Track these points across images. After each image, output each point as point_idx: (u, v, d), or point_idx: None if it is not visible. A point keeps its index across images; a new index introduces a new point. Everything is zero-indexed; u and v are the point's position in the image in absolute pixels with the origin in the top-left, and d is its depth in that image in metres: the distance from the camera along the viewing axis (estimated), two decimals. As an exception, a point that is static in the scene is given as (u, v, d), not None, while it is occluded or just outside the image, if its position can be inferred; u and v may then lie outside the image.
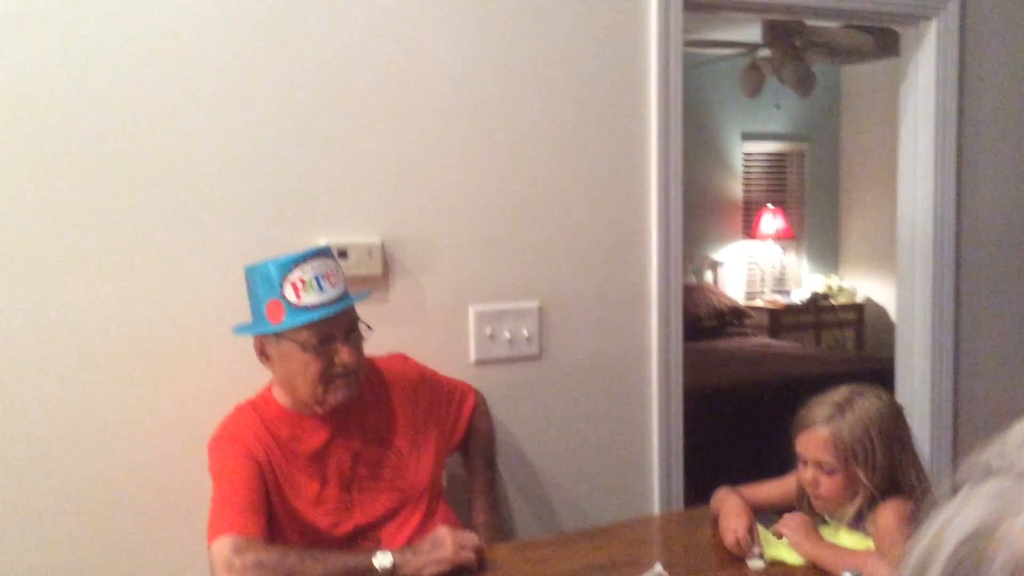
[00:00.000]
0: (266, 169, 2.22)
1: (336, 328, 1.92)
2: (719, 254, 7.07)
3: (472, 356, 2.43)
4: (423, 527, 2.01)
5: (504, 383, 2.44)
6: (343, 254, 2.27)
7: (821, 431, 1.83)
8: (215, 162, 2.17)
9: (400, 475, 2.04)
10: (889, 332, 6.73)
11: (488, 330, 2.46)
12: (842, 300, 7.04)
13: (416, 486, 2.05)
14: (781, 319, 6.86)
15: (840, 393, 1.87)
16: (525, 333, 2.50)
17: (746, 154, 7.12)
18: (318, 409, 1.95)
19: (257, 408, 1.99)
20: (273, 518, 1.89)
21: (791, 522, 1.86)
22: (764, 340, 6.34)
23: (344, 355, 1.92)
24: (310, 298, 1.88)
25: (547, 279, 2.52)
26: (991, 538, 0.43)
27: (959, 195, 3.03)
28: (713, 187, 6.94)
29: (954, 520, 0.46)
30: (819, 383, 4.72)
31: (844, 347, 6.86)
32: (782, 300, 7.01)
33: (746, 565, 1.87)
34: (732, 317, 6.55)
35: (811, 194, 7.35)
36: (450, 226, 2.37)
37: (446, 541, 1.80)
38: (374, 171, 2.32)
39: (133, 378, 2.12)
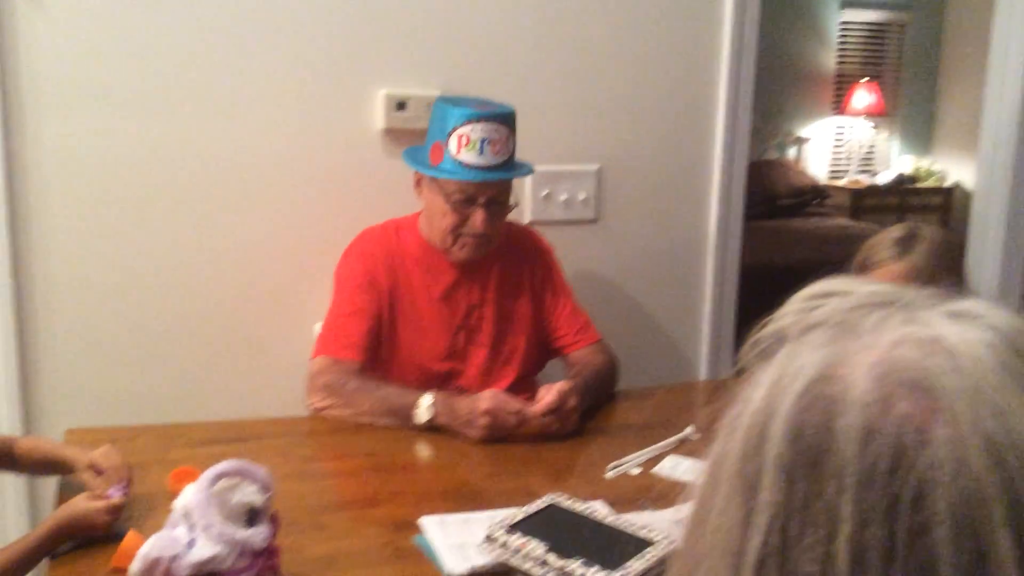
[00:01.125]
0: (335, 18, 2.21)
1: (481, 193, 1.97)
2: (806, 129, 6.83)
3: (527, 216, 2.43)
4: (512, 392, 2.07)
5: (558, 245, 2.45)
6: (401, 106, 2.27)
7: (896, 265, 1.75)
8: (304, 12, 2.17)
9: (502, 338, 2.11)
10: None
11: (545, 191, 2.45)
12: (930, 183, 6.79)
13: (513, 352, 2.11)
14: (864, 200, 6.66)
15: (900, 229, 1.82)
16: (582, 196, 2.49)
17: (843, 23, 6.78)
18: (445, 256, 2.05)
19: (400, 231, 2.11)
20: (379, 338, 2.03)
21: None
22: (843, 221, 6.18)
23: (476, 222, 1.98)
24: (468, 157, 1.96)
25: (608, 143, 2.49)
26: (831, 384, 0.42)
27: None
28: (805, 57, 6.65)
29: (786, 374, 0.44)
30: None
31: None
32: (866, 180, 6.79)
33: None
34: (812, 196, 6.39)
35: (909, 69, 6.99)
36: (509, 83, 2.33)
37: (480, 421, 1.79)
38: (435, 22, 2.29)
39: (247, 208, 2.21)
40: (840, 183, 6.78)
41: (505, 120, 2.00)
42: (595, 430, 1.92)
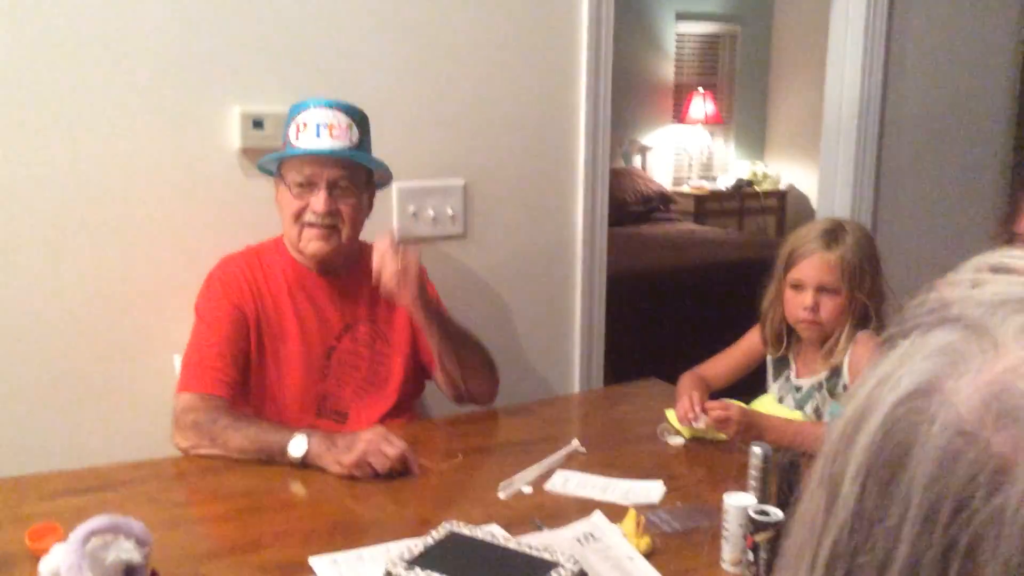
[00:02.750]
0: (189, 34, 2.09)
1: (320, 176, 1.93)
2: (648, 138, 7.03)
3: (395, 234, 2.37)
4: (390, 417, 2.01)
5: (427, 261, 2.40)
6: (258, 124, 2.18)
7: (827, 255, 1.90)
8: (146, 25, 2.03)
9: (378, 359, 2.04)
10: (809, 218, 6.85)
11: (411, 208, 2.40)
12: (766, 187, 7.10)
13: (390, 374, 2.04)
14: (706, 205, 6.91)
15: (826, 222, 1.98)
16: (449, 212, 2.45)
17: (679, 35, 7.02)
18: (300, 257, 2.00)
19: (263, 255, 2.04)
20: (247, 369, 1.95)
21: (729, 420, 1.83)
22: (689, 226, 6.38)
23: (316, 202, 1.93)
24: (305, 141, 1.93)
25: (472, 157, 2.46)
26: (931, 398, 0.40)
27: (885, 83, 3.02)
28: (644, 69, 6.85)
29: (894, 375, 0.42)
30: (741, 268, 4.78)
31: (766, 233, 6.96)
32: (708, 186, 7.04)
33: (662, 442, 1.91)
34: (658, 203, 6.57)
35: (741, 78, 7.31)
36: (370, 99, 2.27)
37: (357, 447, 1.70)
38: (292, 38, 2.20)
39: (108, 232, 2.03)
40: (683, 189, 7.01)
41: (346, 110, 1.97)
42: (480, 450, 1.89)
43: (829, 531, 0.43)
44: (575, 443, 1.87)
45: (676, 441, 1.91)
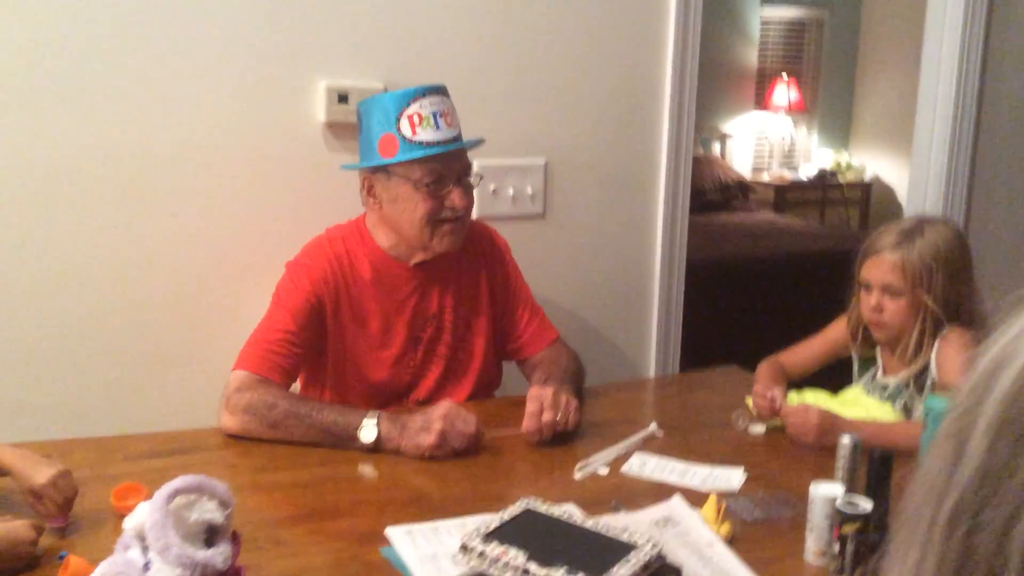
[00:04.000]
0: (274, 8, 2.10)
1: (450, 170, 1.87)
2: (728, 125, 6.90)
3: (473, 212, 2.36)
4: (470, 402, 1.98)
5: (507, 240, 2.39)
6: (343, 98, 2.18)
7: (890, 256, 1.86)
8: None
9: (460, 348, 2.00)
10: (895, 212, 6.65)
11: (492, 186, 2.38)
12: (850, 178, 6.93)
13: (470, 362, 2.02)
14: (787, 195, 6.77)
15: (910, 220, 1.92)
16: (529, 191, 2.43)
17: (764, 19, 6.87)
18: (422, 255, 1.92)
19: (348, 240, 1.95)
20: (322, 360, 1.90)
21: (799, 425, 1.78)
22: (768, 216, 6.26)
23: (456, 198, 1.86)
24: (427, 134, 1.84)
25: (554, 137, 2.43)
26: None
27: (982, 83, 2.91)
28: (727, 53, 6.72)
29: (1021, 336, 0.41)
30: (821, 260, 4.67)
31: (848, 225, 6.79)
32: (789, 175, 6.89)
33: (741, 429, 1.86)
34: (737, 191, 6.46)
35: (827, 65, 7.12)
36: (453, 75, 2.26)
37: (434, 427, 1.67)
38: (378, 13, 2.20)
39: (137, 214, 2.07)
40: (763, 178, 6.88)
41: (444, 92, 1.90)
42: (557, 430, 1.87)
43: (954, 486, 0.42)
44: (653, 426, 1.84)
45: (755, 430, 1.86)
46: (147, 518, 1.14)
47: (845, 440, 1.46)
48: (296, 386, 1.96)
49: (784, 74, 6.85)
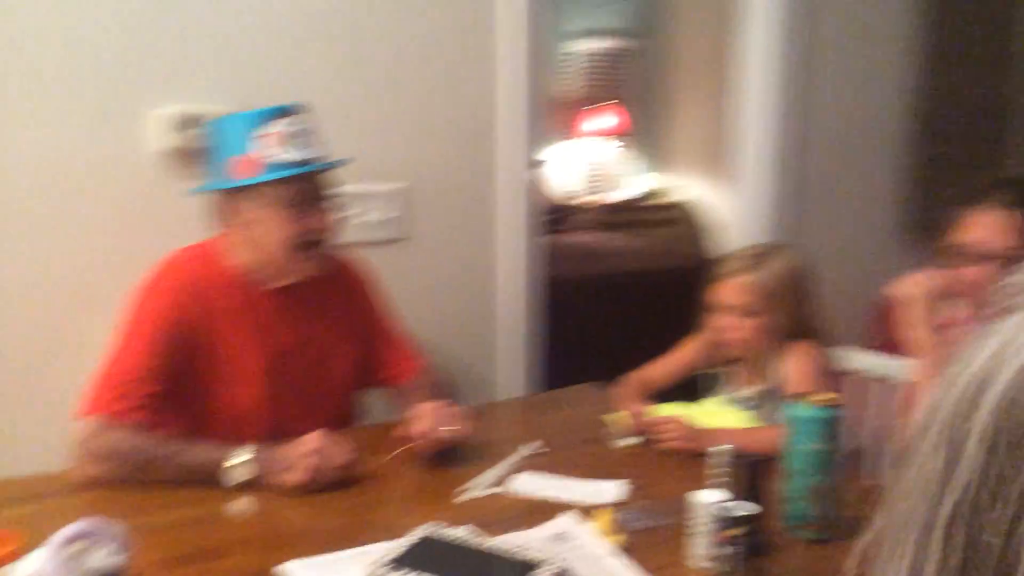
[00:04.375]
0: (111, 32, 2.01)
1: (312, 191, 1.80)
2: (548, 151, 7.11)
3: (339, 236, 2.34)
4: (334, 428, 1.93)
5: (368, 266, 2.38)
6: (186, 124, 2.11)
7: (742, 278, 1.97)
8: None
9: (322, 376, 1.94)
10: (712, 231, 7.03)
11: (352, 211, 2.36)
12: (669, 199, 7.27)
13: (331, 392, 1.97)
14: (610, 217, 7.03)
15: (757, 247, 2.08)
16: (389, 215, 2.43)
17: (577, 50, 7.13)
18: (285, 279, 1.84)
19: (199, 264, 1.84)
20: (178, 390, 1.78)
21: (670, 434, 1.88)
22: (593, 237, 6.47)
23: (318, 220, 1.80)
24: (287, 154, 1.76)
25: (412, 162, 2.45)
26: None
27: (805, 99, 3.13)
28: (550, 82, 6.92)
29: (1016, 341, 0.45)
30: (647, 279, 4.85)
31: (670, 244, 7.11)
32: (611, 198, 7.17)
33: (614, 444, 1.93)
34: (563, 214, 6.65)
35: (642, 92, 7.47)
36: (311, 99, 2.24)
37: (302, 463, 1.63)
38: (222, 36, 2.15)
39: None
40: (588, 200, 7.12)
41: (307, 113, 1.84)
42: (435, 453, 1.87)
43: (951, 491, 0.45)
44: (534, 444, 1.88)
45: (626, 442, 1.94)
46: (40, 568, 1.07)
47: (719, 448, 1.54)
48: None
49: (601, 101, 7.13)
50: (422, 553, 1.33)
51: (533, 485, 1.71)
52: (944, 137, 3.40)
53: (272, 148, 1.76)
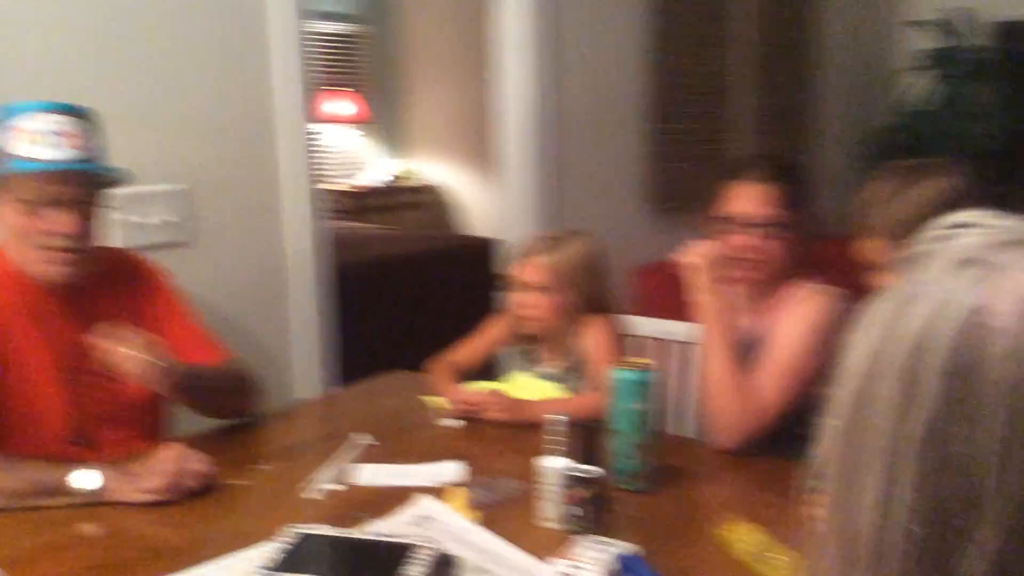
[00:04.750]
0: None
1: (66, 193, 1.72)
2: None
3: (119, 241, 2.25)
4: (141, 440, 1.88)
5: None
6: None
7: (543, 258, 2.12)
8: None
9: (119, 384, 1.85)
10: (459, 213, 7.25)
11: (134, 214, 2.28)
12: (415, 183, 7.40)
13: (130, 401, 1.90)
14: (358, 203, 7.05)
15: (557, 231, 2.22)
16: (173, 218, 2.36)
17: (309, 33, 7.06)
18: (45, 278, 1.78)
19: None
20: None
21: (493, 406, 2.02)
22: (343, 224, 6.48)
23: (62, 223, 1.72)
24: (41, 151, 1.69)
25: (194, 163, 2.39)
26: (986, 312, 0.55)
27: (558, 79, 3.34)
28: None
29: (947, 304, 0.57)
30: (402, 264, 4.94)
31: (421, 229, 7.25)
32: (357, 184, 7.19)
33: (441, 426, 2.03)
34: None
35: (380, 76, 7.52)
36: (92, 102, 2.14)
37: (163, 468, 1.63)
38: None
39: None
40: (336, 187, 7.09)
41: (78, 115, 1.78)
42: (271, 455, 1.88)
43: (912, 418, 0.56)
44: (366, 436, 1.93)
45: (452, 423, 2.04)
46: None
47: (555, 417, 1.68)
48: None
49: (339, 86, 7.11)
50: (303, 553, 1.36)
51: (374, 475, 1.77)
52: (673, 113, 3.76)
53: (20, 143, 1.71)
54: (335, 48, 7.27)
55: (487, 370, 2.32)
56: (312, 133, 2.66)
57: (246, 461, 1.82)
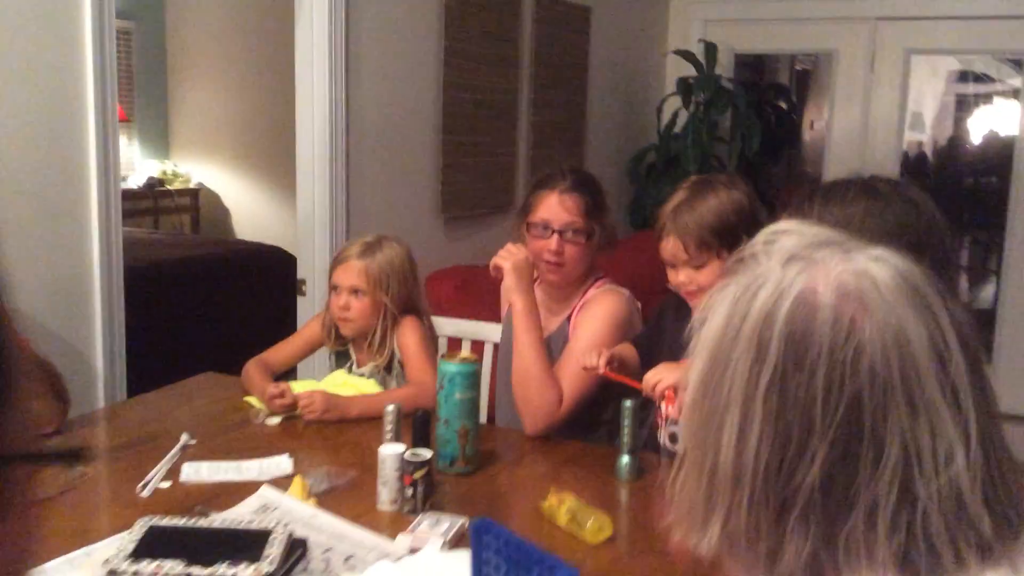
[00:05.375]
0: None
1: None
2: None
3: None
4: None
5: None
6: None
7: (356, 263, 2.23)
8: None
9: None
10: (225, 217, 7.09)
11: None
12: (178, 185, 7.15)
13: None
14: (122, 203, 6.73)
15: (372, 236, 2.31)
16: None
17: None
18: None
19: None
20: None
21: (314, 406, 2.09)
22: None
23: None
24: None
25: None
26: (811, 293, 0.75)
27: (348, 90, 3.42)
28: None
29: (782, 287, 0.76)
30: (166, 268, 4.81)
31: (183, 232, 7.02)
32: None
33: (259, 424, 2.08)
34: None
35: (142, 76, 7.23)
36: None
37: None
38: None
39: None
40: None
41: None
42: (85, 459, 1.85)
43: (762, 375, 0.75)
44: (184, 436, 1.95)
45: (272, 421, 2.09)
46: None
47: (390, 408, 1.80)
48: None
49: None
50: (155, 541, 1.40)
51: (206, 472, 1.80)
52: (463, 127, 3.94)
53: None
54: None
55: (300, 369, 2.39)
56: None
57: (61, 468, 1.79)
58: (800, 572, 0.75)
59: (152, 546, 1.39)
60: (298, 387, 2.20)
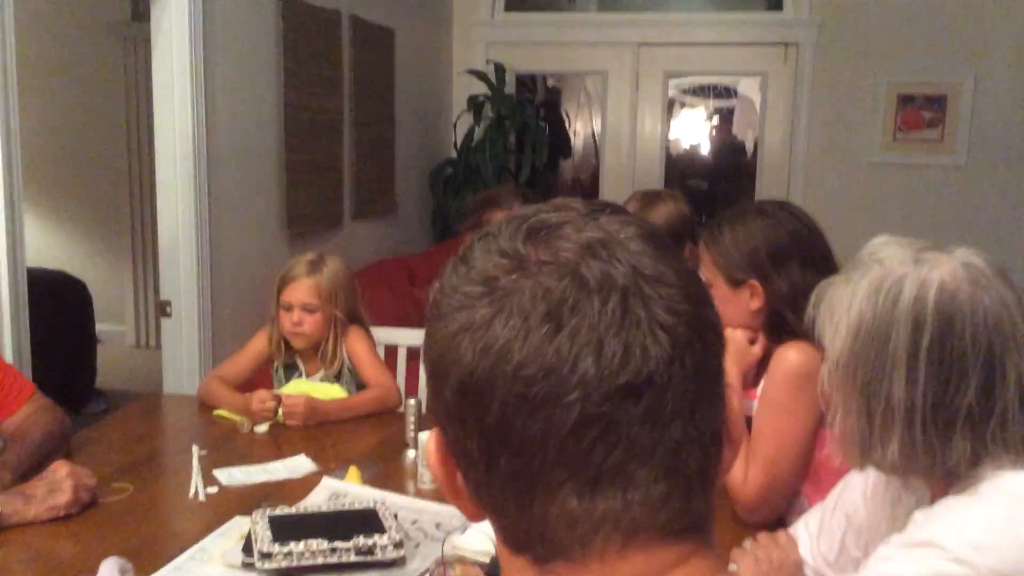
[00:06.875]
0: None
1: None
2: None
3: None
4: None
5: None
6: None
7: (307, 280, 2.37)
8: None
9: None
10: None
11: None
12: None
13: None
14: None
15: (312, 254, 2.46)
16: None
17: None
18: None
19: None
20: None
21: (297, 411, 2.23)
22: None
23: None
24: None
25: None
26: (947, 290, 1.14)
27: (208, 118, 3.48)
28: None
29: (923, 283, 1.14)
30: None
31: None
32: None
33: (250, 433, 2.20)
34: None
35: None
36: None
37: (65, 485, 1.66)
38: None
39: None
40: None
41: None
42: (113, 476, 1.91)
43: (922, 341, 1.12)
44: (195, 448, 2.03)
45: (261, 429, 2.22)
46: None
47: (411, 402, 2.02)
48: None
49: None
50: (287, 526, 1.55)
51: (241, 476, 1.93)
52: (301, 146, 4.09)
53: None
54: None
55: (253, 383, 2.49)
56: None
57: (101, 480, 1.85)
58: (964, 464, 1.13)
59: (284, 530, 1.55)
60: (274, 393, 2.32)
